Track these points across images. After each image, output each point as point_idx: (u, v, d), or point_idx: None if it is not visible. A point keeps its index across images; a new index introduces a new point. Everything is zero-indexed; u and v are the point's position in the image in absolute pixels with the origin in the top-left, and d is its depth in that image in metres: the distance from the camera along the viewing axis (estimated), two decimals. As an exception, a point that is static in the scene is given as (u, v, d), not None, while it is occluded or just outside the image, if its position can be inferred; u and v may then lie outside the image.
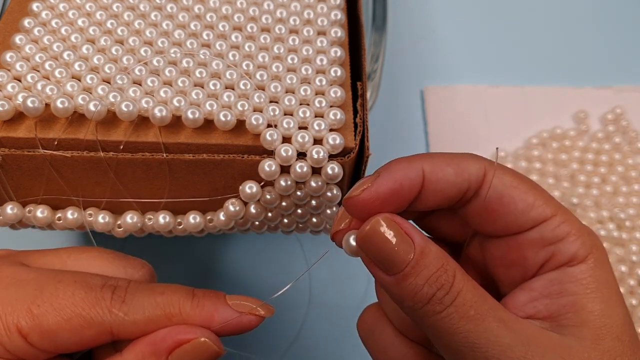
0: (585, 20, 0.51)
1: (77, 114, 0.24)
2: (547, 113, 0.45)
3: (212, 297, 0.21)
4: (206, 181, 0.25)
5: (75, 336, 0.19)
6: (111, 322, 0.20)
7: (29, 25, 0.27)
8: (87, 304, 0.20)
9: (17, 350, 0.19)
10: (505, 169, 0.20)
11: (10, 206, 0.26)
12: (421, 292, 0.19)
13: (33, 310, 0.19)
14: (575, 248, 0.19)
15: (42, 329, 0.19)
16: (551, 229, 0.19)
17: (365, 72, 0.27)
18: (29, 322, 0.19)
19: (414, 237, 0.19)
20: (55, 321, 0.19)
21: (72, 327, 0.19)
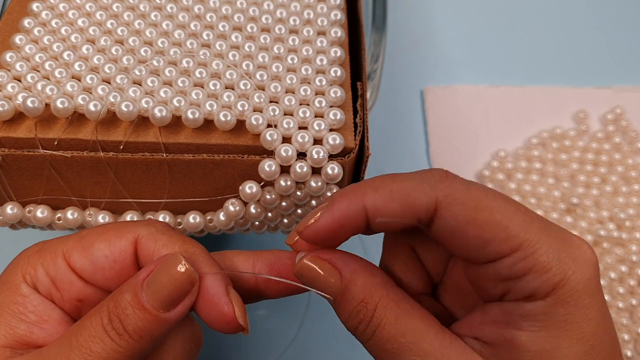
0: (585, 20, 0.51)
1: (77, 114, 0.24)
2: (547, 113, 0.45)
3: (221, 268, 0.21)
4: (206, 181, 0.25)
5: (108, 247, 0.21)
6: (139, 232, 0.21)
7: (29, 25, 0.27)
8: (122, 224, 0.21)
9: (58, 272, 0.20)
10: (462, 196, 0.19)
11: (10, 206, 0.26)
12: (347, 324, 0.20)
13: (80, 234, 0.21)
14: (533, 287, 0.18)
15: (82, 244, 0.21)
16: (507, 267, 0.18)
17: (365, 72, 0.27)
18: (74, 243, 0.21)
19: (343, 270, 0.20)
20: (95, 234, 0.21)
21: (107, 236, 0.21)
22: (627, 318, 0.36)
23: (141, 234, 0.21)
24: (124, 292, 0.19)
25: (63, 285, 0.21)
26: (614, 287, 0.37)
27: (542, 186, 0.41)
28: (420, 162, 0.43)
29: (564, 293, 0.18)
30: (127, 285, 0.20)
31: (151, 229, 0.21)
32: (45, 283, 0.20)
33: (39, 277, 0.20)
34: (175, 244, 0.21)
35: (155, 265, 0.20)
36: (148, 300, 0.19)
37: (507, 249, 0.18)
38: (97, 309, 0.19)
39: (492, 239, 0.18)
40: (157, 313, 0.19)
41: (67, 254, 0.21)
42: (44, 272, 0.20)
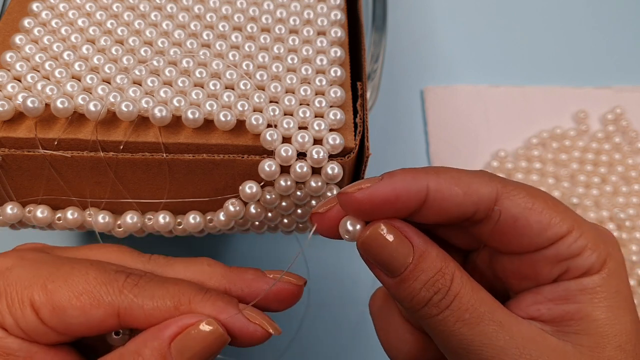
0: (586, 20, 0.51)
1: (77, 114, 0.24)
2: (547, 113, 0.45)
3: (224, 297, 0.21)
4: (206, 181, 0.25)
5: (83, 315, 0.19)
6: (120, 302, 0.20)
7: (29, 25, 0.27)
8: (99, 283, 0.20)
9: (29, 326, 0.19)
10: (519, 189, 0.20)
11: (10, 206, 0.26)
12: (419, 296, 0.19)
13: (47, 285, 0.19)
14: (590, 262, 0.19)
15: (53, 303, 0.19)
16: (567, 246, 0.19)
17: (365, 72, 0.27)
18: (41, 297, 0.19)
19: (414, 240, 0.19)
20: (65, 296, 0.19)
21: (81, 304, 0.19)
22: (627, 318, 0.36)
23: (121, 305, 0.20)
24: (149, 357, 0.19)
25: (38, 334, 0.19)
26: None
27: (542, 186, 0.41)
28: (420, 162, 0.43)
29: (612, 267, 0.19)
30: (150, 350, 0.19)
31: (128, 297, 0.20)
32: (18, 333, 0.19)
33: (8, 326, 0.19)
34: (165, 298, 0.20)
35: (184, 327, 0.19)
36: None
37: (564, 230, 0.19)
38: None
39: (550, 222, 0.19)
40: None
41: (36, 306, 0.19)
42: (14, 324, 0.19)
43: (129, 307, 0.20)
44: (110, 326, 0.20)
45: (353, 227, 0.20)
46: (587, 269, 0.19)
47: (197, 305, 0.20)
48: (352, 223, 0.20)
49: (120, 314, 0.20)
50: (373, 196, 0.19)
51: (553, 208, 0.20)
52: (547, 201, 0.20)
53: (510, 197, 0.19)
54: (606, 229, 0.21)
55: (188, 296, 0.20)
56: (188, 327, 0.19)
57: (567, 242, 0.19)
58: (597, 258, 0.19)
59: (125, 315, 0.20)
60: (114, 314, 0.19)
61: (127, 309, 0.20)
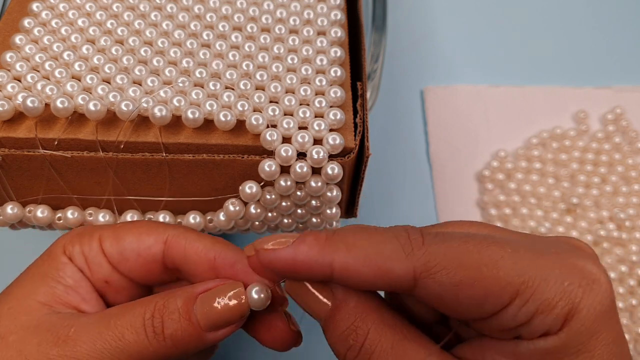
0: (585, 20, 0.51)
1: (77, 114, 0.24)
2: (547, 113, 0.45)
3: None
4: (206, 181, 0.25)
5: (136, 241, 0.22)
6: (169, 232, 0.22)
7: (29, 26, 0.27)
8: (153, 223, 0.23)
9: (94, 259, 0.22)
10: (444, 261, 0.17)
11: (10, 206, 0.26)
12: (335, 347, 0.19)
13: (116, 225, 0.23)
14: (545, 326, 0.17)
15: (116, 235, 0.22)
16: (511, 317, 0.17)
17: (365, 72, 0.27)
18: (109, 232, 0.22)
19: (336, 290, 0.19)
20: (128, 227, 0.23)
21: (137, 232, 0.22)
22: (627, 318, 0.36)
23: (171, 234, 0.22)
24: (177, 296, 0.20)
25: (93, 265, 0.22)
26: (614, 287, 0.37)
27: (542, 186, 0.41)
28: (420, 162, 0.43)
29: (576, 324, 0.17)
30: (182, 291, 0.20)
31: (179, 229, 0.22)
32: (80, 260, 0.22)
33: (75, 253, 0.22)
34: (206, 239, 0.22)
35: (215, 285, 0.20)
36: (197, 314, 0.19)
37: (506, 299, 0.17)
38: (145, 301, 0.20)
39: (486, 294, 0.17)
40: (200, 330, 0.19)
41: (102, 239, 0.22)
42: (80, 250, 0.22)
43: (176, 235, 0.22)
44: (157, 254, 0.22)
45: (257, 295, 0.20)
46: (542, 332, 0.17)
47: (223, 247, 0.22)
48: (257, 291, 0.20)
49: (167, 241, 0.22)
50: (274, 261, 0.19)
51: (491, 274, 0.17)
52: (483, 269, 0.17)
53: (431, 276, 0.17)
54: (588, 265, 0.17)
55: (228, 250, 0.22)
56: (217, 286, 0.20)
57: (510, 312, 0.17)
58: (553, 320, 0.17)
59: (170, 243, 0.22)
60: (162, 241, 0.22)
61: (174, 236, 0.22)
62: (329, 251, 0.18)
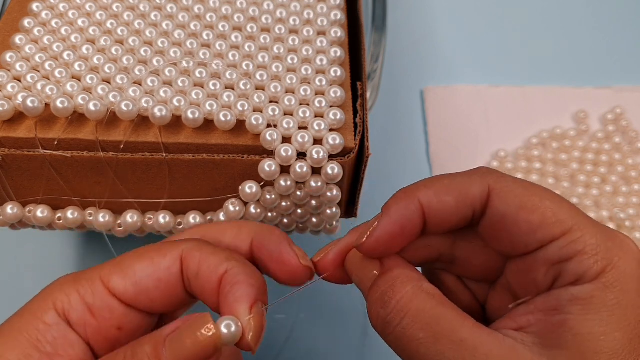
0: (586, 20, 0.51)
1: (77, 114, 0.24)
2: (547, 113, 0.45)
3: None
4: (206, 181, 0.25)
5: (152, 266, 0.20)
6: (183, 247, 0.20)
7: (29, 25, 0.27)
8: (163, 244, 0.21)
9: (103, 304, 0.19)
10: (512, 185, 0.19)
11: (10, 206, 0.26)
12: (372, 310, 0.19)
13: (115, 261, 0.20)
14: (584, 268, 0.18)
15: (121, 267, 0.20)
16: (558, 249, 0.18)
17: (365, 72, 0.27)
18: (111, 269, 0.20)
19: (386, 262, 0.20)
20: (132, 258, 0.20)
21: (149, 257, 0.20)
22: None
23: (185, 248, 0.20)
24: (145, 343, 0.18)
25: (102, 312, 0.19)
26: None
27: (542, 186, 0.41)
28: (420, 162, 0.43)
29: (611, 277, 0.18)
30: (149, 338, 0.19)
31: (194, 242, 0.21)
32: (80, 311, 0.19)
33: (73, 304, 0.19)
34: (221, 253, 0.20)
35: (182, 322, 0.19)
36: (167, 358, 0.18)
37: (558, 232, 0.18)
38: (112, 357, 0.18)
39: (542, 222, 0.18)
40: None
41: (105, 279, 0.20)
42: (80, 299, 0.19)
43: (190, 249, 0.20)
44: (177, 274, 0.20)
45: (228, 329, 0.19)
46: (579, 276, 0.18)
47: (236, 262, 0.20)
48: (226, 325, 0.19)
49: (183, 257, 0.20)
50: (380, 238, 0.20)
51: (551, 208, 0.19)
52: (546, 200, 0.19)
53: (501, 194, 0.19)
54: (625, 237, 0.19)
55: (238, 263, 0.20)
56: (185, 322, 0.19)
57: (559, 244, 0.18)
58: (592, 265, 0.18)
59: (186, 258, 0.20)
60: (178, 258, 0.20)
61: (188, 250, 0.20)
62: (412, 195, 0.20)
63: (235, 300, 0.19)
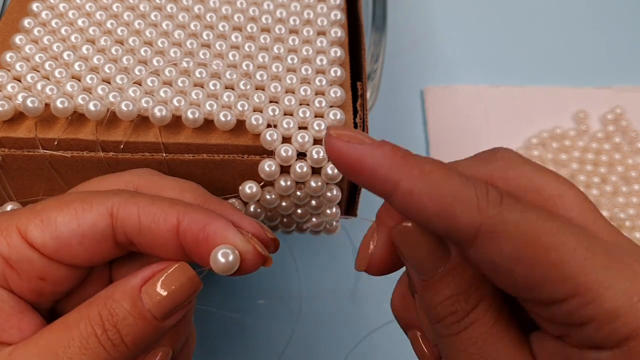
0: (585, 20, 0.51)
1: (77, 114, 0.24)
2: (547, 113, 0.45)
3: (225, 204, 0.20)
4: (206, 181, 0.25)
5: (74, 220, 0.18)
6: (113, 201, 0.18)
7: (29, 26, 0.27)
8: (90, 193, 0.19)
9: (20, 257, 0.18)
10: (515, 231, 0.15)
11: (10, 206, 0.26)
12: (436, 309, 0.17)
13: (36, 207, 0.18)
14: (599, 337, 0.15)
15: (42, 219, 0.18)
16: (563, 313, 0.15)
17: (365, 72, 0.27)
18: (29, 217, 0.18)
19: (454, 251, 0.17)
20: (55, 207, 0.18)
21: (72, 209, 0.18)
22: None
23: (115, 201, 0.18)
24: (120, 299, 0.18)
25: (20, 265, 0.18)
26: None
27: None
28: (420, 162, 0.43)
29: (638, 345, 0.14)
30: (121, 293, 0.18)
31: (124, 194, 0.19)
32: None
33: None
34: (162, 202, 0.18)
35: (153, 273, 0.18)
36: (150, 310, 0.18)
37: (563, 293, 0.15)
38: (85, 316, 0.18)
39: (543, 281, 0.15)
40: (157, 322, 0.18)
41: (22, 229, 0.18)
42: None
43: (124, 202, 0.18)
44: (105, 229, 0.18)
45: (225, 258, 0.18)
46: (593, 344, 0.15)
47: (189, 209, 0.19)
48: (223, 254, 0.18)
49: (113, 212, 0.18)
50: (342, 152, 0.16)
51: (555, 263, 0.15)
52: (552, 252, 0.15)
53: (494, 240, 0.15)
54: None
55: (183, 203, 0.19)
56: (159, 272, 0.18)
57: (563, 308, 0.15)
58: (611, 333, 0.14)
59: (119, 212, 0.18)
60: (107, 213, 0.18)
61: (120, 205, 0.18)
62: (401, 168, 0.16)
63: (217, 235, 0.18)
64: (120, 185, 0.21)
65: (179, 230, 0.18)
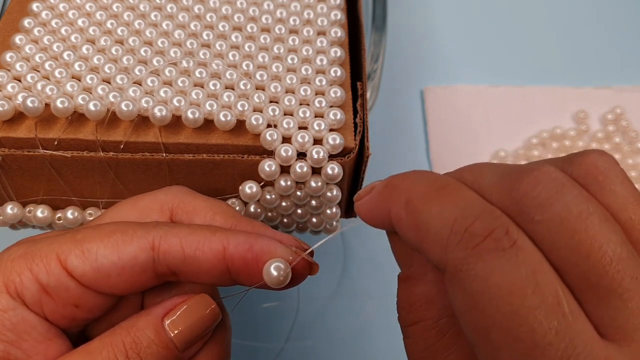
0: (586, 21, 0.51)
1: (77, 114, 0.24)
2: (547, 113, 0.45)
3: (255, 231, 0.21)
4: (206, 181, 0.25)
5: (115, 252, 0.18)
6: (154, 233, 0.19)
7: (29, 25, 0.27)
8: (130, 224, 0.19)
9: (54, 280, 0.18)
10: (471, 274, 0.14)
11: (10, 206, 0.26)
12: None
13: (76, 236, 0.19)
14: None
15: (83, 249, 0.18)
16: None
17: (365, 72, 0.27)
18: (70, 245, 0.18)
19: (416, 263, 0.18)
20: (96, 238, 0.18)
21: (113, 241, 0.18)
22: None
23: (156, 235, 0.19)
24: (144, 328, 0.18)
25: (58, 292, 0.18)
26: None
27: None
28: (420, 162, 0.43)
29: None
30: (145, 322, 0.19)
31: (163, 227, 0.19)
32: (34, 292, 0.18)
33: (26, 284, 0.18)
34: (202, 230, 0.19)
35: (175, 304, 0.19)
36: (172, 339, 0.19)
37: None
38: (107, 343, 0.18)
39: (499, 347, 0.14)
40: (177, 352, 0.19)
41: (62, 257, 0.18)
42: (33, 279, 0.18)
43: (164, 236, 0.19)
44: (145, 263, 0.19)
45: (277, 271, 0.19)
46: None
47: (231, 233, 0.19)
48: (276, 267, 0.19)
49: (155, 245, 0.18)
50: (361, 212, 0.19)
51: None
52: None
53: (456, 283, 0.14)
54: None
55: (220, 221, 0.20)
56: (181, 303, 0.19)
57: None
58: None
59: (161, 246, 0.19)
60: (148, 247, 0.18)
61: (162, 238, 0.19)
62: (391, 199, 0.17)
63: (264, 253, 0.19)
64: (155, 207, 0.21)
65: (225, 255, 0.19)
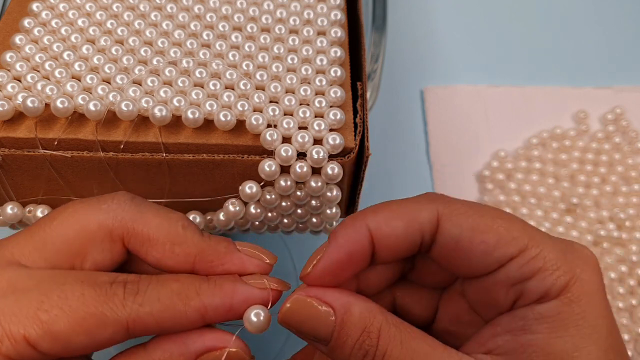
0: (586, 20, 0.51)
1: (77, 114, 0.24)
2: (547, 113, 0.45)
3: (228, 277, 0.21)
4: (206, 181, 0.25)
5: (90, 337, 0.18)
6: (127, 316, 0.18)
7: (29, 26, 0.27)
8: (100, 302, 0.18)
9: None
10: (462, 207, 0.19)
11: (10, 206, 0.26)
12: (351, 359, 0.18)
13: (41, 317, 0.18)
14: (546, 285, 0.18)
15: (53, 335, 0.18)
16: (517, 268, 0.18)
17: (365, 72, 0.27)
18: (37, 330, 0.18)
19: (335, 304, 0.19)
20: (67, 324, 0.18)
21: (86, 328, 0.18)
22: (627, 318, 0.36)
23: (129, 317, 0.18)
24: None
25: None
26: (614, 287, 0.37)
27: (542, 186, 0.41)
28: (420, 162, 0.43)
29: (577, 291, 0.17)
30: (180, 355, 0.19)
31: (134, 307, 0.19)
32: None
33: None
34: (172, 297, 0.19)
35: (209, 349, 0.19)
36: None
37: (515, 250, 0.18)
38: None
39: (498, 242, 0.18)
40: None
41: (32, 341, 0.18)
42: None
43: (137, 317, 0.19)
44: (120, 339, 0.19)
45: (257, 317, 0.19)
46: (542, 294, 0.18)
47: (206, 297, 0.19)
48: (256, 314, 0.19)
49: (130, 326, 0.19)
50: (327, 267, 0.19)
51: (504, 226, 0.18)
52: (497, 219, 0.18)
53: (452, 218, 0.19)
54: (583, 247, 0.19)
55: (194, 288, 0.20)
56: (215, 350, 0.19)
57: (518, 262, 0.18)
58: (555, 281, 0.17)
59: (135, 326, 0.19)
60: (123, 328, 0.18)
61: (135, 320, 0.19)
62: (360, 220, 0.19)
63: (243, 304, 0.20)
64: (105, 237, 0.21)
65: (205, 319, 0.19)
